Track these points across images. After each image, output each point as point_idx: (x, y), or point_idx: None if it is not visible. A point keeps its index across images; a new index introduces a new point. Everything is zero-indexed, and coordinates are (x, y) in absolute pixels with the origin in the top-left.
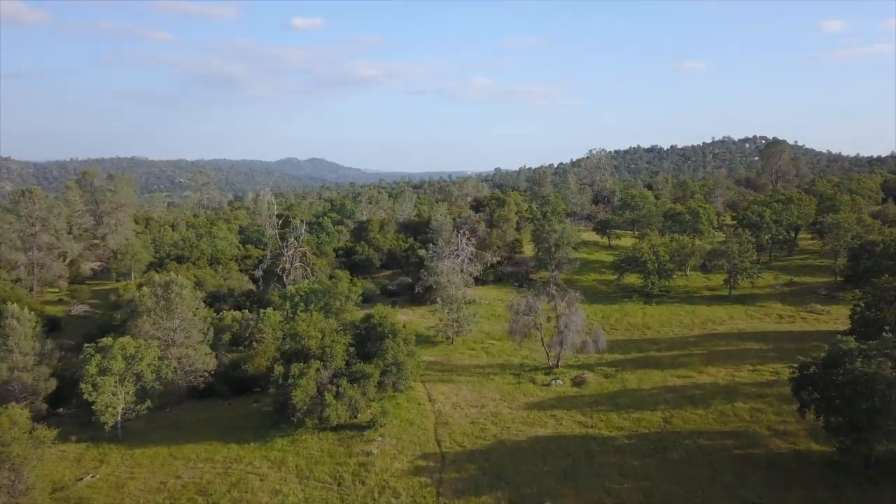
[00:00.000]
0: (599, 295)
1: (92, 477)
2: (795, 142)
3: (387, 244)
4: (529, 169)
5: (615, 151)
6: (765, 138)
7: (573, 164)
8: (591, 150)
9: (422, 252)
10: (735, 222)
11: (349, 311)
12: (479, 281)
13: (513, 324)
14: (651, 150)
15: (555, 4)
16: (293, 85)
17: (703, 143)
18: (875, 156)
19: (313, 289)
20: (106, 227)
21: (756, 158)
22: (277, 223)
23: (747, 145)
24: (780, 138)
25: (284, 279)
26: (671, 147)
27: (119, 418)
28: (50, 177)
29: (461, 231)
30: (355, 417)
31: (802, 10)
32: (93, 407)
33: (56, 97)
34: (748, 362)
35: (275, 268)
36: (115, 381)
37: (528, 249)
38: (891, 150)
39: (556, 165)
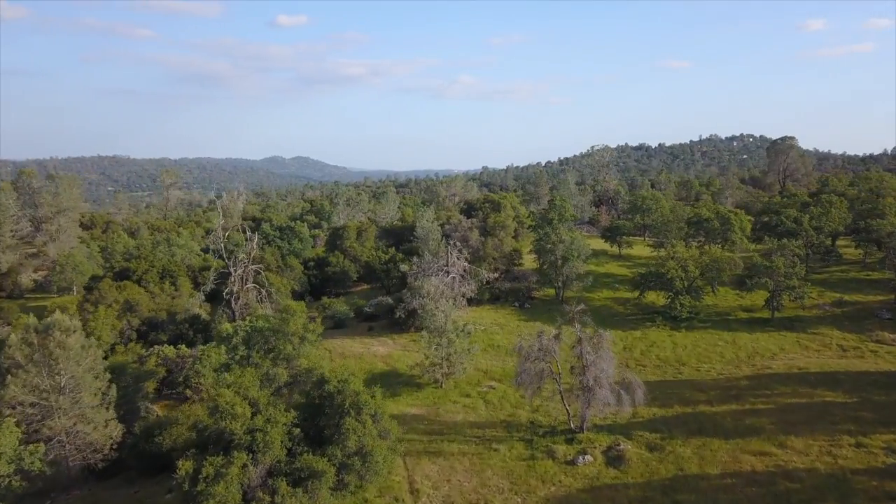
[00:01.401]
0: (616, 317)
1: None
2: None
3: (365, 254)
4: (517, 167)
5: None
6: (752, 136)
7: (561, 161)
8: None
9: (404, 267)
10: (753, 227)
11: (305, 355)
12: (472, 301)
13: (521, 373)
14: (639, 148)
15: (542, 3)
16: (278, 83)
17: (691, 141)
18: (868, 153)
19: (256, 327)
20: (45, 233)
21: (745, 157)
22: (224, 235)
23: (734, 143)
24: (768, 136)
25: (233, 304)
26: (659, 145)
27: None
28: None
29: (451, 242)
30: None
31: (785, 10)
32: None
33: (37, 95)
34: (841, 428)
35: (221, 290)
36: None
37: (528, 260)
38: (884, 148)
39: (544, 164)
